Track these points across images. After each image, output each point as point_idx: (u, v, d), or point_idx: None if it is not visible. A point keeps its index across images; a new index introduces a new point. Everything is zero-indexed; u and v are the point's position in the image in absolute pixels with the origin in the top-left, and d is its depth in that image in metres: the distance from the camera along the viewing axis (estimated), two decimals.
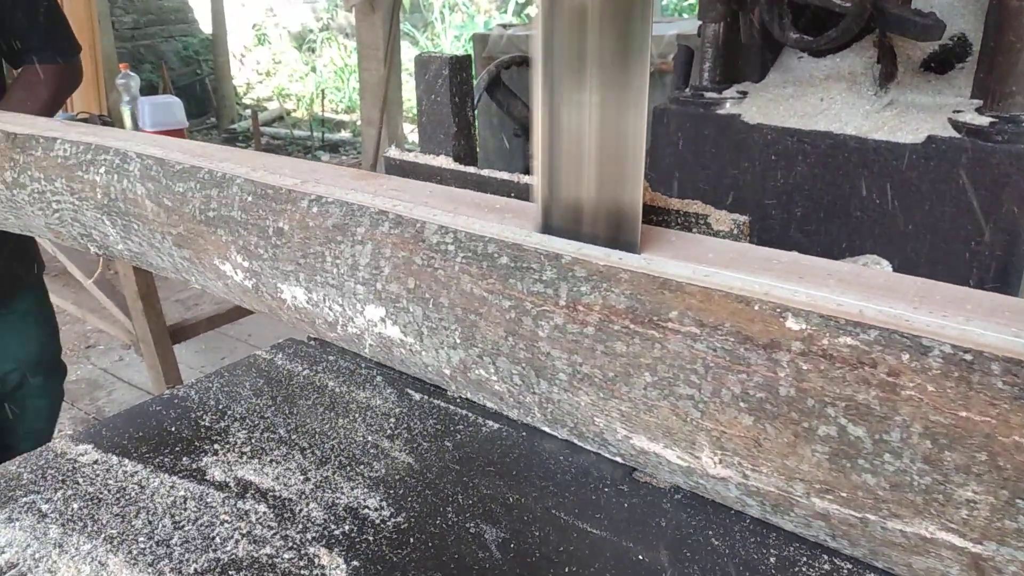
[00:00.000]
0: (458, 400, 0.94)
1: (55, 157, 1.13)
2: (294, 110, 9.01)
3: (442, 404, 0.93)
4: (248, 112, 8.18)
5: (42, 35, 1.73)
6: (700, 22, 1.48)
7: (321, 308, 0.91)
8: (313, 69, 9.73)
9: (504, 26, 5.21)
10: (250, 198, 0.94)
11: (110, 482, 0.81)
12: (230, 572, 0.68)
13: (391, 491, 0.79)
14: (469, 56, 1.01)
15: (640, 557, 0.69)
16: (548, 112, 0.74)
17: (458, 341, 0.80)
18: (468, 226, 0.81)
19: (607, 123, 0.73)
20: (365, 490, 0.79)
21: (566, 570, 0.68)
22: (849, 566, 0.68)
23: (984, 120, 1.20)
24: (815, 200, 1.34)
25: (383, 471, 0.82)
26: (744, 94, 1.45)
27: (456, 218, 0.83)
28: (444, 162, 1.01)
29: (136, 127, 3.37)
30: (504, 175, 0.95)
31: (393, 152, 1.05)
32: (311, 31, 10.21)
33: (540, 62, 0.73)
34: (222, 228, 0.96)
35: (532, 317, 0.74)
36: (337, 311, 0.89)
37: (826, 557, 0.69)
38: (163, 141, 1.12)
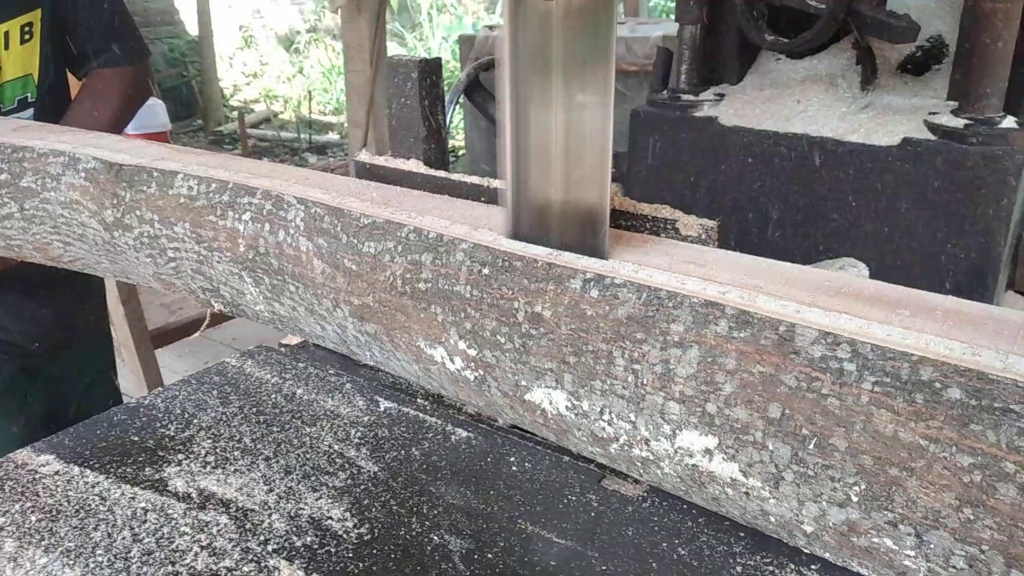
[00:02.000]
0: (427, 408, 0.93)
1: (175, 196, 0.91)
2: (281, 112, 8.98)
3: (411, 412, 0.92)
4: (235, 114, 8.15)
5: (108, 36, 1.55)
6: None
7: (593, 421, 0.68)
8: (300, 71, 9.69)
9: (491, 27, 5.20)
10: (486, 270, 0.71)
11: (71, 494, 0.80)
12: None
13: (355, 501, 0.77)
14: (439, 59, 1.00)
15: (605, 567, 0.69)
16: (514, 115, 0.73)
17: (855, 499, 0.57)
18: (870, 334, 0.56)
19: (573, 125, 0.72)
20: (329, 500, 0.78)
21: None
22: (815, 575, 0.68)
23: (959, 122, 1.20)
24: (792, 202, 1.33)
25: (348, 481, 0.80)
26: (721, 96, 1.45)
27: (848, 321, 0.58)
28: (414, 166, 1.00)
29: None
30: (474, 179, 0.94)
31: (363, 156, 1.04)
32: (298, 33, 10.18)
33: (506, 64, 0.72)
34: (439, 305, 0.73)
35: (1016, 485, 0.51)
36: (623, 429, 0.66)
37: (792, 566, 0.68)
38: (329, 181, 0.90)
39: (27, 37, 1.44)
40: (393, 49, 7.93)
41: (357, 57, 5.61)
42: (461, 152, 6.10)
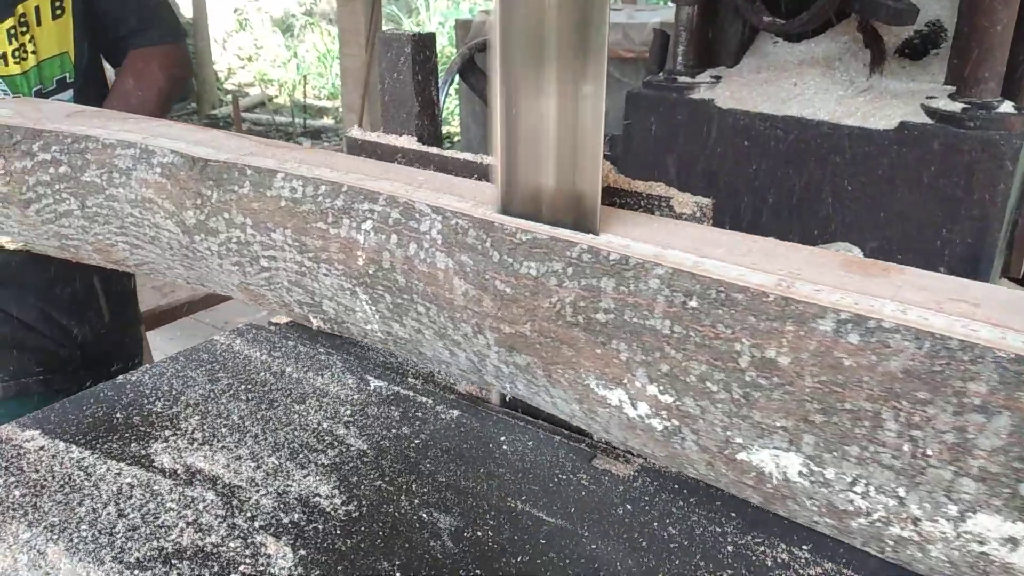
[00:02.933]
0: (418, 387, 0.92)
1: (275, 198, 0.80)
2: (276, 96, 8.93)
3: (402, 391, 0.91)
4: (229, 98, 8.10)
5: (144, 15, 1.48)
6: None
7: (838, 491, 0.56)
8: (295, 55, 9.63)
9: (487, 12, 5.17)
10: (693, 303, 0.58)
11: (55, 469, 0.79)
12: (173, 561, 0.66)
13: (344, 479, 0.77)
14: (432, 34, 0.98)
15: (595, 546, 0.68)
16: (506, 97, 0.72)
17: None
18: None
19: (565, 108, 0.71)
20: (317, 478, 0.77)
21: (519, 559, 0.67)
22: (807, 555, 0.67)
23: (956, 106, 1.19)
24: (787, 186, 1.32)
25: (337, 458, 0.80)
26: (718, 79, 1.44)
27: None
28: (407, 142, 0.99)
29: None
30: (468, 156, 0.93)
31: (355, 132, 1.03)
32: (293, 16, 10.11)
33: (498, 47, 0.71)
34: (622, 341, 0.61)
35: None
36: (882, 503, 0.54)
37: (783, 546, 0.68)
38: (459, 186, 0.78)
39: (59, 12, 1.39)
40: None
41: (353, 41, 5.58)
42: (456, 138, 6.07)
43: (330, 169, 0.82)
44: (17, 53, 1.35)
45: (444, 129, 1.07)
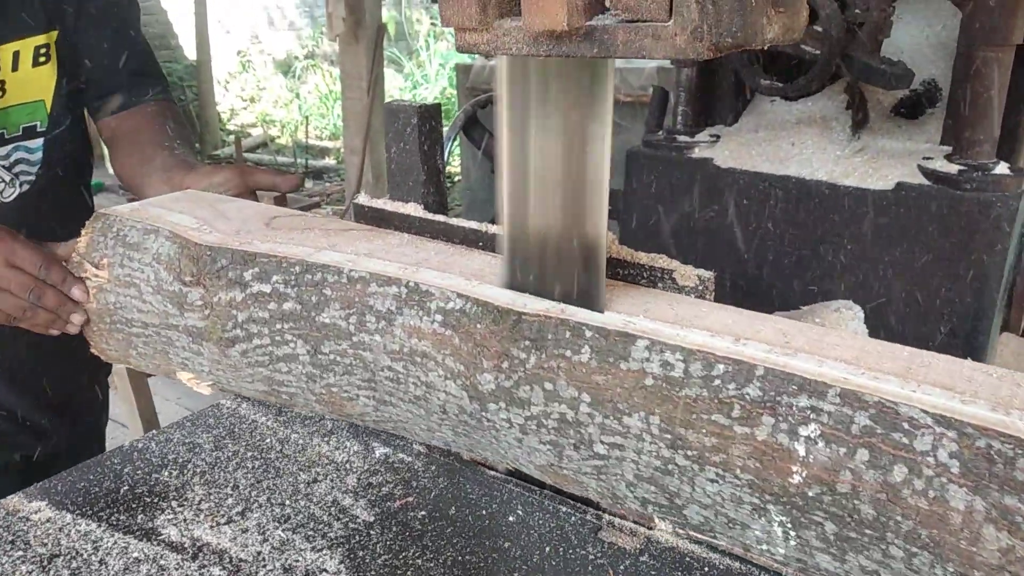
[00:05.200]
0: (422, 455, 0.93)
1: (635, 374, 0.64)
2: (278, 136, 9.01)
3: (407, 459, 0.92)
4: (232, 138, 8.17)
5: (141, 67, 1.40)
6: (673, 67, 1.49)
7: None
8: (297, 96, 9.74)
9: (487, 57, 5.24)
10: None
11: (62, 542, 0.79)
12: None
13: (350, 553, 0.77)
14: (438, 105, 1.00)
15: None
16: (513, 151, 0.73)
17: None
18: None
19: (571, 163, 0.72)
20: (324, 552, 0.77)
21: None
22: None
23: (953, 168, 1.21)
24: (787, 244, 1.34)
25: (342, 531, 0.80)
26: (717, 137, 1.46)
27: None
28: (413, 210, 1.00)
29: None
30: (472, 224, 0.94)
31: (362, 199, 1.04)
32: (296, 58, 10.24)
33: (505, 104, 0.72)
34: None
35: None
36: None
37: None
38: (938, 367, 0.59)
39: (42, 60, 1.31)
40: (390, 76, 7.97)
41: (354, 84, 5.65)
42: (457, 178, 6.12)
43: (712, 334, 0.63)
44: None
45: (447, 186, 1.08)
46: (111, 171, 1.50)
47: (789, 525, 0.60)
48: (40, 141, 1.32)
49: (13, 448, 1.39)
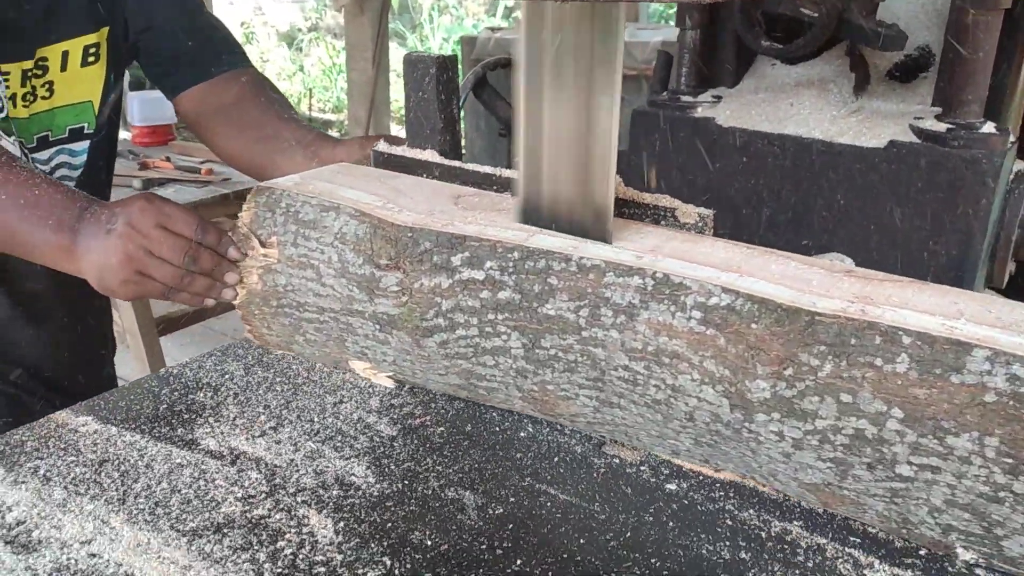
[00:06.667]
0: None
1: (968, 388, 0.59)
2: None
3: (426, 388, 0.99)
4: None
5: (212, 32, 1.36)
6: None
7: None
8: (301, 68, 9.74)
9: (492, 29, 5.27)
10: None
11: (110, 450, 0.86)
12: (224, 530, 0.74)
13: (376, 462, 0.84)
14: (455, 56, 1.06)
15: (603, 518, 0.75)
16: (528, 112, 0.80)
17: None
18: None
19: (583, 123, 0.79)
20: (352, 461, 0.84)
21: (536, 529, 0.74)
22: (798, 529, 0.74)
23: (942, 126, 1.27)
24: (783, 200, 1.40)
25: (368, 443, 0.87)
26: (718, 98, 1.52)
27: None
28: (431, 156, 1.07)
29: (125, 122, 3.40)
30: (487, 169, 1.01)
31: (382, 146, 1.11)
32: (299, 30, 10.23)
33: (523, 65, 0.79)
34: None
35: None
36: None
37: (777, 523, 0.75)
38: None
39: (91, 59, 1.24)
40: (393, 49, 7.97)
41: (359, 56, 5.69)
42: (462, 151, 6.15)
43: None
44: (27, 96, 1.19)
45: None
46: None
47: None
48: (86, 144, 1.28)
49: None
